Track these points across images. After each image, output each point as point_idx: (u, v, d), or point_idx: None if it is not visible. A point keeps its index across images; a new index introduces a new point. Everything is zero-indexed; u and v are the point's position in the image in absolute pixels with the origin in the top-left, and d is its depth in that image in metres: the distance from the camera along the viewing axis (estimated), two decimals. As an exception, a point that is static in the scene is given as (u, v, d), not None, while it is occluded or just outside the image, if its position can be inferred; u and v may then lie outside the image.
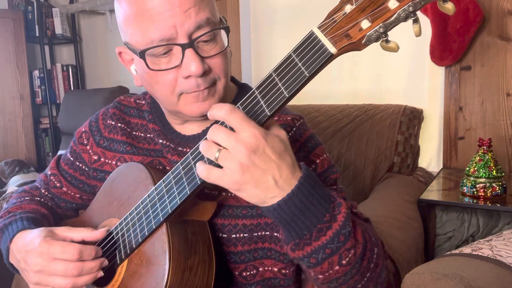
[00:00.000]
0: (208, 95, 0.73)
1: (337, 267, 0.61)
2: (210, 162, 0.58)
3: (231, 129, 0.56)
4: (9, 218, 0.84)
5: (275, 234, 0.77)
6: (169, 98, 0.74)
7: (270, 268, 0.78)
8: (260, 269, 0.79)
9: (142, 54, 0.69)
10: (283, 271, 0.78)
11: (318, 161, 0.78)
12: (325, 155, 0.80)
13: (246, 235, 0.77)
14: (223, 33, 0.73)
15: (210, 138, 0.56)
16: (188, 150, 0.79)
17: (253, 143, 0.54)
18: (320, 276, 0.62)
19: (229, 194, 0.77)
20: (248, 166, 0.54)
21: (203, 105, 0.73)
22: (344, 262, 0.60)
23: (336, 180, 0.81)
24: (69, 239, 0.74)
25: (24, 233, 0.78)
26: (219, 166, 0.56)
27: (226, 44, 0.72)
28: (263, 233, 0.77)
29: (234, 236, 0.77)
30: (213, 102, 0.74)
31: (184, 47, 0.68)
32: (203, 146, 0.57)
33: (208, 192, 0.77)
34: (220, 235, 0.77)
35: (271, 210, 0.58)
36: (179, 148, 0.81)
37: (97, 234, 0.75)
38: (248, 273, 0.79)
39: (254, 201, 0.58)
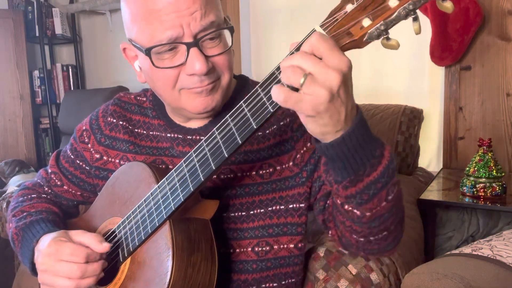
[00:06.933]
0: (212, 90, 0.74)
1: (384, 203, 0.62)
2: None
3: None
4: (26, 218, 0.85)
5: (291, 206, 0.79)
6: (170, 93, 0.75)
7: (285, 246, 0.80)
8: (275, 247, 0.80)
9: (148, 52, 0.71)
10: (299, 245, 0.81)
11: None
12: None
13: (262, 210, 0.79)
14: (227, 32, 0.74)
15: (292, 64, 0.52)
16: (198, 137, 0.81)
17: (346, 72, 0.52)
18: (368, 214, 0.63)
19: (245, 174, 0.79)
20: (334, 95, 0.52)
21: (206, 100, 0.74)
22: (389, 197, 0.62)
23: None
24: (79, 243, 0.74)
25: (46, 236, 0.79)
26: (295, 90, 0.53)
27: (230, 43, 0.74)
28: (278, 207, 0.79)
29: (252, 212, 0.79)
30: (216, 97, 0.75)
31: (189, 46, 0.69)
32: (286, 71, 0.52)
33: (224, 178, 0.79)
34: (239, 213, 0.79)
35: (334, 144, 0.56)
36: (188, 137, 0.82)
37: (103, 247, 0.74)
38: (260, 249, 0.80)
39: (318, 131, 0.56)
